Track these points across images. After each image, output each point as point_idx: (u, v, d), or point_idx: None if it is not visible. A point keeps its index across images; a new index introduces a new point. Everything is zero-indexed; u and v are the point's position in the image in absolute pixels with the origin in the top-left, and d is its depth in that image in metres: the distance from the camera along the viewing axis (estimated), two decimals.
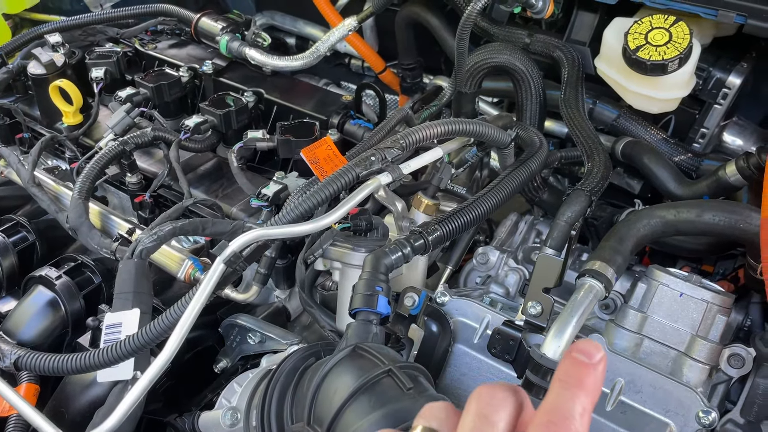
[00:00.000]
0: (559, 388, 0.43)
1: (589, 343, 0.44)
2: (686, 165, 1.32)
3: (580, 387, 0.42)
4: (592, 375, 0.43)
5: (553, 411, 0.42)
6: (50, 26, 1.76)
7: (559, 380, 0.43)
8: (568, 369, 0.43)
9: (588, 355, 0.43)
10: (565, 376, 0.43)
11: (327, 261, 1.12)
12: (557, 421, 0.42)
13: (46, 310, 1.24)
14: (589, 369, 0.43)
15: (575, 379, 0.43)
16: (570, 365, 0.43)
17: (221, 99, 1.51)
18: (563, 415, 0.42)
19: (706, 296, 0.95)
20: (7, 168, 1.50)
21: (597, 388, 0.43)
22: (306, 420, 0.78)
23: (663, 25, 1.15)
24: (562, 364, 0.44)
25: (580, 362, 0.43)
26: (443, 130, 1.05)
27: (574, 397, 0.42)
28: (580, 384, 0.43)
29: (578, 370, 0.43)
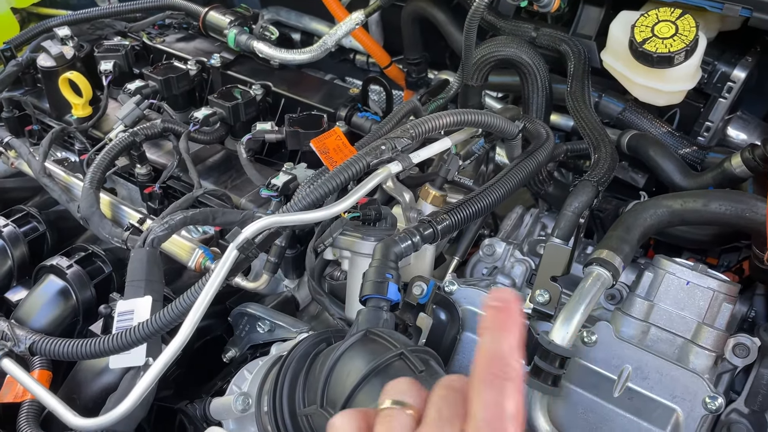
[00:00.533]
0: (486, 336, 0.48)
1: (501, 290, 0.50)
2: (691, 158, 1.33)
3: (503, 329, 0.47)
4: (510, 316, 0.48)
5: (487, 354, 0.47)
6: (59, 20, 1.77)
7: (484, 329, 0.48)
8: (489, 317, 0.48)
9: (503, 300, 0.49)
10: (489, 323, 0.48)
11: (336, 250, 1.13)
12: (491, 363, 0.46)
13: (57, 298, 1.26)
14: (506, 311, 0.48)
15: (497, 324, 0.48)
16: (491, 314, 0.48)
17: (229, 92, 1.53)
18: (494, 356, 0.47)
19: (712, 285, 0.96)
20: (17, 159, 1.51)
21: (517, 326, 0.48)
22: (319, 403, 0.79)
23: (669, 17, 1.16)
24: (484, 315, 0.49)
25: (498, 308, 0.48)
26: (453, 120, 1.06)
27: (501, 339, 0.47)
28: (503, 327, 0.47)
29: (496, 315, 0.48)
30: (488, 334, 0.47)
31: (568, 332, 0.89)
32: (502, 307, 0.48)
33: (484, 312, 0.49)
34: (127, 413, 0.93)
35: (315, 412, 0.80)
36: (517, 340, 0.47)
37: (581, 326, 0.91)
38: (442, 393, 0.50)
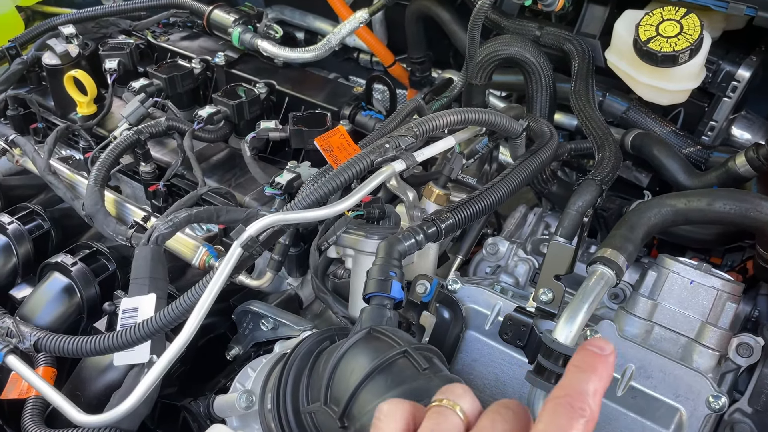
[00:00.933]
0: (573, 371, 0.48)
1: (600, 339, 0.51)
2: (695, 157, 1.33)
3: (593, 371, 0.48)
4: (603, 363, 0.49)
5: (568, 387, 0.47)
6: (64, 18, 1.78)
7: (574, 365, 0.49)
8: (582, 357, 0.49)
9: (600, 348, 0.50)
10: (579, 362, 0.49)
11: (340, 248, 1.13)
12: (572, 395, 0.47)
13: (61, 296, 1.26)
14: (601, 358, 0.49)
15: (589, 365, 0.48)
16: (584, 354, 0.49)
17: (233, 90, 1.53)
18: (577, 391, 0.47)
19: (716, 284, 0.96)
20: (22, 157, 1.52)
21: (608, 374, 0.48)
22: (323, 400, 0.79)
23: (674, 16, 1.16)
24: (576, 354, 0.50)
25: (593, 352, 0.49)
26: (457, 119, 1.06)
27: (587, 378, 0.47)
28: (593, 369, 0.48)
29: (591, 358, 0.49)
30: (576, 372, 0.48)
31: (571, 331, 0.88)
32: (598, 353, 0.49)
33: (579, 352, 0.50)
34: (131, 410, 0.93)
35: (318, 410, 0.80)
36: (604, 388, 0.47)
37: (585, 325, 0.91)
38: (496, 408, 0.51)
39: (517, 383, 0.98)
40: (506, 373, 0.99)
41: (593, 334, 0.93)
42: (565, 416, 0.45)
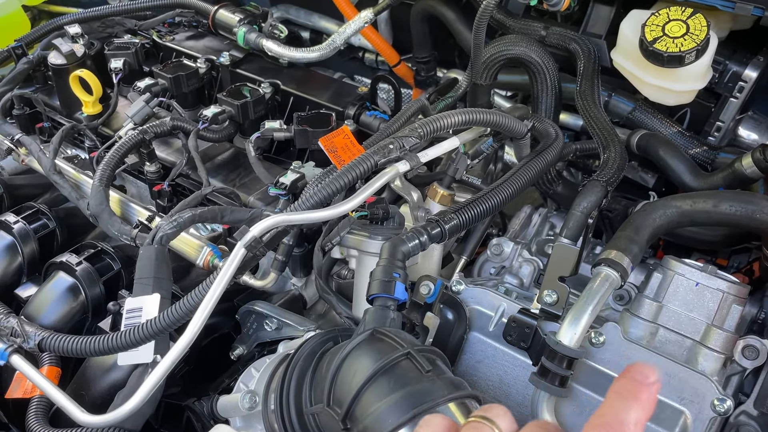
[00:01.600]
0: (615, 398, 0.46)
1: (645, 365, 0.48)
2: (701, 158, 1.33)
3: (636, 400, 0.45)
4: (646, 391, 0.46)
5: (608, 416, 0.45)
6: (70, 17, 1.78)
7: (616, 392, 0.46)
8: (625, 383, 0.47)
9: (644, 374, 0.47)
10: (622, 389, 0.46)
11: (344, 249, 1.13)
12: (613, 424, 0.45)
13: (66, 295, 1.26)
14: (645, 386, 0.46)
15: (631, 393, 0.46)
16: (627, 381, 0.47)
17: (238, 90, 1.53)
18: (618, 420, 0.45)
19: (721, 286, 0.96)
20: (28, 156, 1.52)
21: (651, 404, 0.46)
22: (326, 402, 0.79)
23: (680, 17, 1.15)
24: (618, 380, 0.47)
25: (636, 379, 0.46)
26: (461, 120, 1.06)
27: (629, 407, 0.45)
28: (636, 397, 0.46)
29: (634, 385, 0.46)
30: (618, 399, 0.46)
31: (575, 333, 0.88)
32: (641, 380, 0.47)
33: (621, 378, 0.47)
34: (135, 410, 0.93)
35: (322, 411, 0.80)
36: (646, 418, 0.45)
37: (589, 327, 0.90)
38: (534, 427, 0.50)
39: (521, 385, 0.97)
40: (510, 374, 0.98)
41: (598, 336, 0.93)
42: None
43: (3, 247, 1.39)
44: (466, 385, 0.80)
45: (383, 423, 0.72)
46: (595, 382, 0.92)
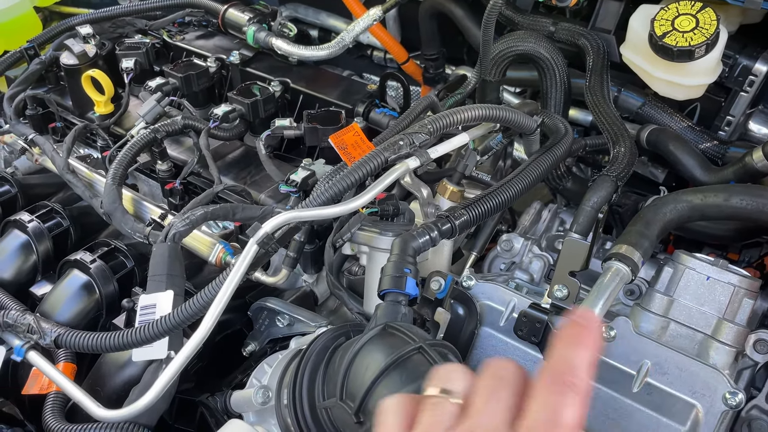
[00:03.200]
0: (562, 346, 0.48)
1: (583, 308, 0.49)
2: (712, 152, 1.32)
3: (581, 344, 0.48)
4: (589, 333, 0.48)
5: (557, 363, 0.47)
6: (81, 18, 1.80)
7: (562, 340, 0.48)
8: (568, 330, 0.49)
9: (586, 318, 0.49)
10: (567, 335, 0.48)
11: (355, 245, 1.14)
12: (565, 369, 0.46)
13: (81, 293, 1.28)
14: (587, 328, 0.49)
15: (576, 338, 0.48)
16: (569, 327, 0.49)
17: (248, 88, 1.54)
18: (568, 366, 0.47)
19: (732, 280, 0.96)
20: (41, 156, 1.54)
21: (596, 343, 0.48)
22: (338, 396, 0.80)
23: (690, 11, 1.15)
24: (563, 327, 0.49)
25: (579, 324, 0.49)
26: (470, 116, 1.06)
27: (575, 352, 0.47)
28: (581, 341, 0.48)
29: (578, 330, 0.49)
30: (564, 345, 0.48)
31: None
32: (584, 324, 0.49)
33: (565, 325, 0.49)
34: (149, 405, 0.95)
35: (334, 405, 0.81)
36: (592, 358, 0.47)
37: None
38: (489, 383, 0.50)
39: None
40: None
41: (608, 331, 0.93)
42: (558, 393, 0.46)
43: (18, 246, 1.41)
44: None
45: None
46: (607, 377, 0.92)
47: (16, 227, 1.43)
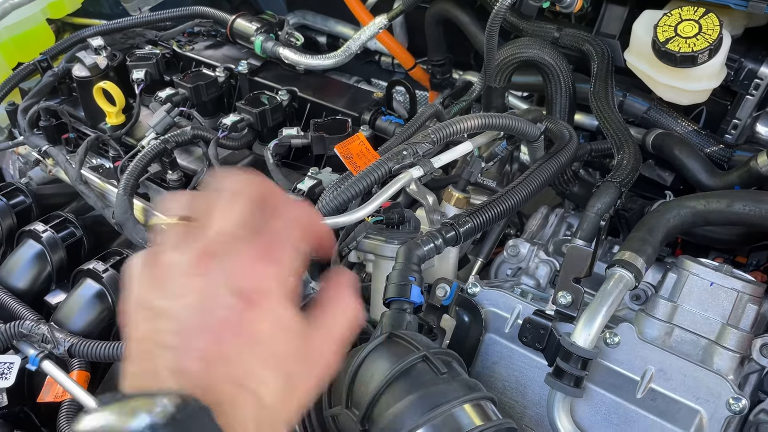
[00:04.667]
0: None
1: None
2: (718, 156, 1.32)
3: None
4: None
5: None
6: (92, 30, 1.83)
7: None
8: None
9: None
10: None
11: (360, 253, 1.15)
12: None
13: (94, 301, 1.30)
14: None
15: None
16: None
17: (256, 98, 1.56)
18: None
19: (736, 285, 0.96)
20: (55, 167, 1.57)
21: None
22: (344, 404, 0.82)
23: (693, 16, 1.16)
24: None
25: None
26: (473, 125, 1.07)
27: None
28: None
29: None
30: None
31: (590, 334, 0.90)
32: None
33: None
34: None
35: (340, 413, 0.82)
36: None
37: (604, 327, 0.91)
38: (224, 197, 0.52)
39: (537, 385, 0.99)
40: (526, 375, 1.00)
41: (612, 336, 0.93)
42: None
43: (33, 256, 1.44)
44: (481, 387, 0.81)
45: (400, 424, 0.75)
46: (611, 383, 0.93)
47: (30, 237, 1.46)
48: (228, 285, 0.49)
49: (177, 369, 0.47)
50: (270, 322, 0.50)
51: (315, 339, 0.54)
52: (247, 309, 0.49)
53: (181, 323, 0.48)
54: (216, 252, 0.50)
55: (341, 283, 0.59)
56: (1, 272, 1.43)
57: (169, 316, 0.49)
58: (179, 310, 0.49)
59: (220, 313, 0.48)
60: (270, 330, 0.50)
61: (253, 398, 0.48)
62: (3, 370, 1.12)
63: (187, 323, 0.48)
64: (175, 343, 0.48)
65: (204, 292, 0.49)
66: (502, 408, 0.99)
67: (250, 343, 0.49)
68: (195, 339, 0.48)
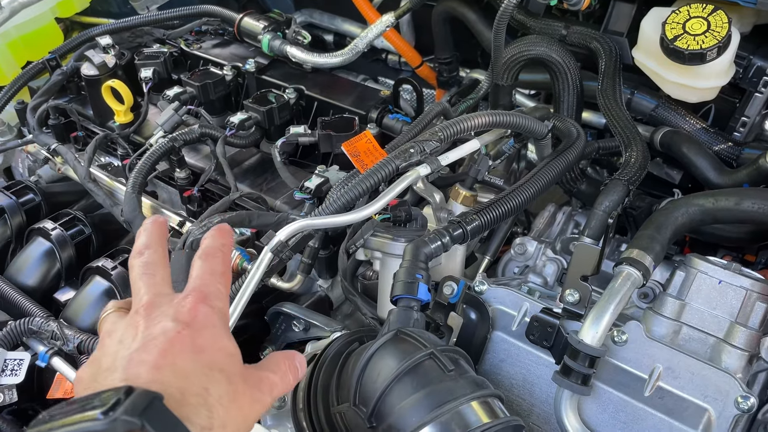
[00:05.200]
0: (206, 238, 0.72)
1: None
2: (726, 154, 1.32)
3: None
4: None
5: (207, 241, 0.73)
6: (101, 29, 1.83)
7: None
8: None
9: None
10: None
11: (368, 251, 1.15)
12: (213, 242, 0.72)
13: (103, 299, 1.31)
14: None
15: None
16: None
17: (264, 96, 1.56)
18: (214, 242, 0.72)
19: (745, 283, 0.96)
20: (64, 165, 1.58)
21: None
22: (352, 401, 0.82)
23: (701, 14, 1.15)
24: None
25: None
26: (481, 122, 1.07)
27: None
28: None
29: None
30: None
31: (597, 332, 0.89)
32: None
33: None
34: None
35: (348, 410, 0.82)
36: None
37: (612, 325, 0.91)
38: (140, 271, 0.66)
39: (544, 383, 0.99)
40: (533, 373, 1.00)
41: (620, 334, 0.93)
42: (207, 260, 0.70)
43: (42, 253, 1.45)
44: (489, 384, 0.81)
45: (407, 421, 0.75)
46: (618, 381, 0.93)
47: (40, 235, 1.47)
48: (169, 319, 0.58)
49: (127, 377, 0.52)
50: (211, 338, 0.58)
51: (252, 370, 0.62)
52: (189, 329, 0.57)
53: (127, 349, 0.56)
54: (153, 304, 0.60)
55: (292, 357, 0.69)
56: (11, 269, 1.45)
57: (111, 354, 0.56)
58: (123, 345, 0.57)
59: (164, 336, 0.56)
60: (211, 344, 0.58)
61: (200, 390, 0.54)
62: (13, 367, 1.13)
63: (132, 347, 0.56)
64: (122, 362, 0.54)
65: (146, 327, 0.57)
66: (510, 406, 0.99)
67: (194, 351, 0.56)
68: (142, 354, 0.54)
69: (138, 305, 0.61)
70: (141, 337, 0.56)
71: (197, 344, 0.56)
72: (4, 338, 1.17)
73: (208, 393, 0.54)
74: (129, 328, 0.58)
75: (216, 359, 0.57)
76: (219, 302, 0.63)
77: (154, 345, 0.55)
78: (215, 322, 0.60)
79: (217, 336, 0.59)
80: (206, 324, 0.59)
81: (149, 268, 0.65)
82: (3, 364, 1.11)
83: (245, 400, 0.58)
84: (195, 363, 0.55)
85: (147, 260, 0.66)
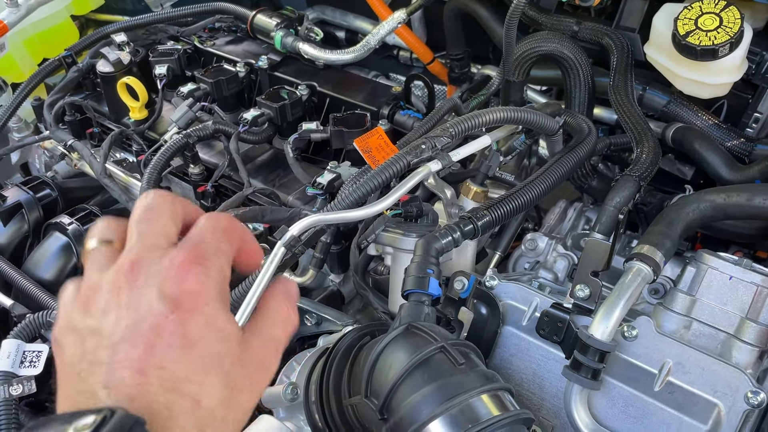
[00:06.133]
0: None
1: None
2: (739, 150, 1.31)
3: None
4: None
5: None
6: (116, 26, 1.86)
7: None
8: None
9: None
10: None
11: (379, 246, 1.16)
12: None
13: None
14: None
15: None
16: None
17: (276, 92, 1.58)
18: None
19: (756, 279, 0.96)
20: (80, 161, 1.60)
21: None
22: (363, 393, 0.83)
23: (713, 9, 1.15)
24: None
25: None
26: (492, 118, 1.08)
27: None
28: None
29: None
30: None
31: (607, 327, 0.90)
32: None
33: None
34: None
35: (360, 402, 0.84)
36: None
37: (622, 321, 0.92)
38: (139, 215, 0.55)
39: (554, 378, 0.99)
40: (543, 368, 1.00)
41: (630, 330, 0.94)
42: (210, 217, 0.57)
43: (59, 248, 1.47)
44: (499, 378, 0.82)
45: (418, 413, 0.76)
46: (628, 375, 0.94)
47: (57, 230, 1.49)
48: (155, 292, 0.50)
49: (110, 382, 0.47)
50: (203, 325, 0.50)
51: (252, 343, 0.55)
52: (178, 313, 0.49)
53: (110, 337, 0.49)
54: (140, 262, 0.51)
55: (277, 291, 0.63)
56: (29, 263, 1.47)
57: (96, 333, 0.50)
58: (107, 325, 0.49)
59: (150, 321, 0.49)
60: (204, 332, 0.50)
61: (191, 403, 0.48)
62: (32, 359, 1.15)
63: (116, 336, 0.49)
64: (105, 358, 0.48)
65: (130, 304, 0.50)
66: (520, 400, 1.00)
67: (184, 347, 0.49)
68: (126, 350, 0.48)
69: (124, 258, 0.52)
70: (126, 316, 0.49)
71: (188, 335, 0.49)
72: (22, 331, 1.19)
73: (199, 406, 0.48)
74: (113, 292, 0.51)
75: (209, 351, 0.50)
76: (217, 261, 0.54)
77: (139, 335, 0.48)
78: (208, 293, 0.52)
79: (210, 316, 0.51)
80: (197, 301, 0.50)
81: (149, 213, 0.55)
82: (22, 356, 1.14)
83: (243, 396, 0.53)
84: (185, 365, 0.49)
85: (149, 204, 0.55)
